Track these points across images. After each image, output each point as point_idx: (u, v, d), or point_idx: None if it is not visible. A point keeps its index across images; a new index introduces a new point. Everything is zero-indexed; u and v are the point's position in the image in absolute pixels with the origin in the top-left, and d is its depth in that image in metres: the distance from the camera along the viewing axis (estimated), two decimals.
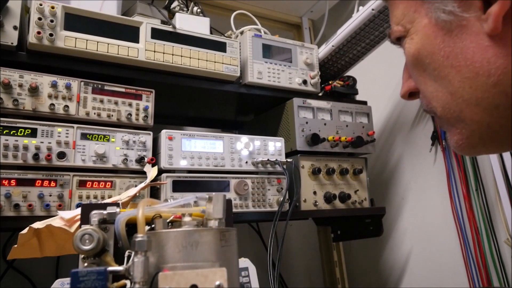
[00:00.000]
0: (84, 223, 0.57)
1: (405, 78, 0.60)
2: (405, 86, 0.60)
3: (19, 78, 0.94)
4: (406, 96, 0.61)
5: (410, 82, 0.59)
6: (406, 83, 0.60)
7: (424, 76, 0.54)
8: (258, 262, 1.20)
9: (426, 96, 0.55)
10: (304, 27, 2.05)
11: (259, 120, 1.55)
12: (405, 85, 0.60)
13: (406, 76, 0.60)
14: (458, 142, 0.53)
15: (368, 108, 1.43)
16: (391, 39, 0.59)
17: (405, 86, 0.60)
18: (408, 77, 0.59)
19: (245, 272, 1.12)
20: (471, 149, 0.54)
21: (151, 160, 1.04)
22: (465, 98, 0.49)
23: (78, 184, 0.97)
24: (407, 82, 0.59)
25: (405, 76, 0.60)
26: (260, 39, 1.29)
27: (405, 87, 0.60)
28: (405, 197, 1.61)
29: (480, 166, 1.32)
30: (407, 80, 0.60)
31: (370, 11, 1.18)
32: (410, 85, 0.59)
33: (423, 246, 1.52)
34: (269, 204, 1.18)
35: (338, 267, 1.86)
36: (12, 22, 0.94)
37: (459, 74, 0.49)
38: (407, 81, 0.60)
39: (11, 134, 0.91)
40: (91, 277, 0.50)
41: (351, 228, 1.56)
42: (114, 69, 1.07)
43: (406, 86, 0.60)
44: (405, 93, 0.60)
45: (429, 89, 0.54)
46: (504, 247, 1.23)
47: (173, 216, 0.57)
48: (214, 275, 0.47)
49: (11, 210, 0.89)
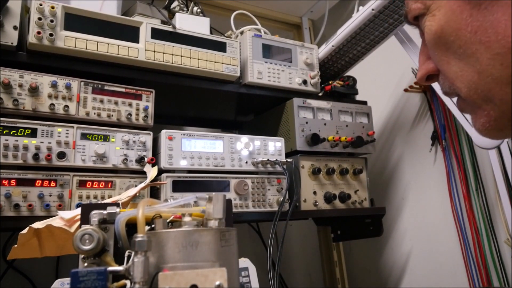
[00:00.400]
0: (84, 223, 0.57)
1: (423, 60, 0.56)
2: (422, 69, 0.56)
3: (19, 78, 0.94)
4: (423, 79, 0.56)
5: (428, 63, 0.55)
6: (424, 65, 0.56)
7: (448, 55, 0.50)
8: (258, 262, 1.20)
9: (449, 77, 0.51)
10: (304, 27, 2.05)
11: (259, 120, 1.55)
12: (422, 68, 0.56)
13: (423, 58, 0.56)
14: (485, 124, 0.49)
15: (368, 108, 1.43)
16: (407, 19, 0.55)
17: (422, 68, 0.56)
18: (426, 59, 0.55)
19: (245, 272, 1.12)
20: (499, 132, 0.50)
21: (151, 160, 1.04)
22: (495, 76, 0.45)
23: (78, 184, 0.97)
24: (425, 64, 0.55)
25: (422, 58, 0.56)
26: (260, 39, 1.29)
27: (423, 69, 0.56)
28: (405, 197, 1.61)
29: (480, 166, 1.32)
30: (424, 62, 0.56)
31: (370, 11, 1.18)
32: (429, 67, 0.55)
33: (423, 246, 1.52)
34: (269, 204, 1.18)
35: (338, 267, 1.86)
36: (12, 22, 0.94)
37: (489, 51, 0.45)
38: (424, 63, 0.55)
39: (11, 134, 0.91)
40: (91, 277, 0.50)
41: (351, 228, 1.56)
42: (114, 69, 1.07)
43: (424, 69, 0.55)
44: (422, 76, 0.56)
45: (452, 69, 0.50)
46: (504, 247, 1.23)
47: (173, 216, 0.57)
48: (214, 275, 0.47)
49: (11, 210, 0.89)
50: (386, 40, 1.30)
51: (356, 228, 1.52)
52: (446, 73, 0.51)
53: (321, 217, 1.67)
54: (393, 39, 1.26)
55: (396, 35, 1.24)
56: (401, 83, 1.62)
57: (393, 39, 1.27)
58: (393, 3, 1.15)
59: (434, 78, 0.55)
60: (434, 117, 1.46)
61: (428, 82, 0.57)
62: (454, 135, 1.39)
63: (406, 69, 1.56)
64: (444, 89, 0.53)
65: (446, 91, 0.53)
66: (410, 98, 1.59)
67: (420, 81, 0.57)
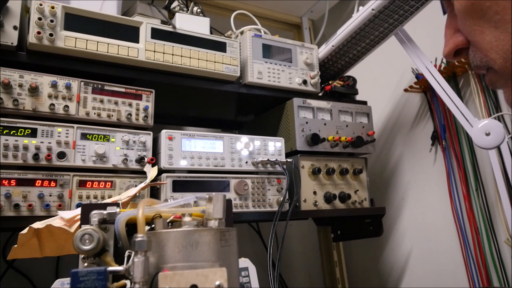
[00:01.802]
0: (84, 223, 0.57)
1: (450, 34, 0.52)
2: (450, 43, 0.52)
3: (19, 78, 0.94)
4: (451, 54, 0.52)
5: (457, 36, 0.51)
6: (451, 39, 0.52)
7: (481, 23, 0.46)
8: (258, 262, 1.20)
9: (483, 48, 0.47)
10: (304, 27, 2.05)
11: (259, 120, 1.55)
12: (450, 42, 0.52)
13: (450, 31, 0.52)
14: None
15: (368, 108, 1.43)
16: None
17: (450, 42, 0.52)
18: (454, 32, 0.51)
19: (245, 272, 1.12)
20: None
21: (151, 160, 1.04)
22: None
23: (78, 184, 0.97)
24: (454, 37, 0.51)
25: (449, 32, 0.52)
26: (260, 39, 1.29)
27: (451, 43, 0.51)
28: (405, 197, 1.61)
29: (480, 166, 1.32)
30: (452, 35, 0.52)
31: (370, 11, 1.18)
32: (457, 40, 0.51)
33: (423, 246, 1.52)
34: (269, 204, 1.18)
35: (338, 267, 1.86)
36: (12, 22, 0.94)
37: None
38: (452, 37, 0.52)
39: (11, 134, 0.91)
40: (91, 277, 0.50)
41: (351, 228, 1.56)
42: (114, 69, 1.07)
43: (452, 43, 0.51)
44: (450, 50, 0.52)
45: (486, 38, 0.46)
46: (504, 247, 1.23)
47: (173, 216, 0.57)
48: (214, 275, 0.47)
49: (11, 210, 0.89)
50: (386, 40, 1.30)
51: (356, 228, 1.52)
52: (479, 44, 0.48)
53: (321, 217, 1.67)
54: (393, 39, 1.26)
55: (396, 35, 1.24)
56: (401, 83, 1.62)
57: (393, 39, 1.27)
58: (393, 3, 1.15)
59: (463, 52, 0.52)
60: (434, 117, 1.46)
61: (456, 58, 0.54)
62: (454, 135, 1.39)
63: (406, 69, 1.56)
64: (475, 62, 0.50)
65: (477, 65, 0.50)
66: (410, 98, 1.59)
67: (447, 56, 0.53)
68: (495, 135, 0.96)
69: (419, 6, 1.16)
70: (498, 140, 0.96)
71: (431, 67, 1.15)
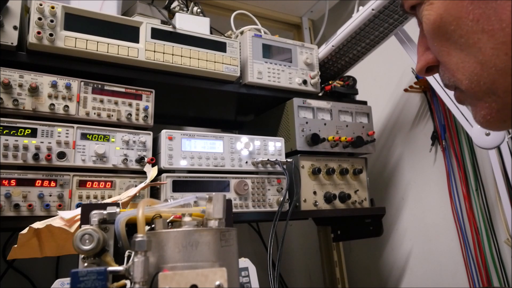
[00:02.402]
0: (84, 223, 0.57)
1: (421, 52, 0.54)
2: (421, 60, 0.53)
3: (19, 78, 0.94)
4: (423, 71, 0.54)
5: (427, 54, 0.52)
6: (422, 56, 0.53)
7: (448, 45, 0.47)
8: (258, 262, 1.20)
9: (450, 69, 0.49)
10: (304, 27, 2.05)
11: (259, 120, 1.55)
12: (421, 59, 0.53)
13: (422, 49, 0.54)
14: (486, 117, 0.47)
15: (368, 108, 1.43)
16: (404, 9, 0.53)
17: (421, 60, 0.53)
18: (425, 50, 0.53)
19: (245, 272, 1.12)
20: (501, 123, 0.48)
21: (151, 160, 1.04)
22: (498, 67, 0.43)
23: (78, 184, 0.97)
24: (424, 55, 0.53)
25: (421, 49, 0.54)
26: (260, 39, 1.29)
27: (422, 61, 0.53)
28: (405, 197, 1.61)
29: (480, 166, 1.32)
30: (423, 53, 0.53)
31: (370, 11, 1.18)
32: (428, 58, 0.52)
33: (423, 246, 1.52)
34: (269, 204, 1.18)
35: (338, 267, 1.86)
36: (12, 22, 0.94)
37: (492, 40, 0.42)
38: (423, 54, 0.53)
39: (11, 134, 0.91)
40: (91, 277, 0.50)
41: (351, 228, 1.56)
42: (114, 69, 1.07)
43: (423, 60, 0.53)
44: (422, 67, 0.53)
45: (453, 60, 0.47)
46: (504, 247, 1.23)
47: (173, 216, 0.57)
48: (214, 275, 0.47)
49: (11, 210, 0.89)
50: (386, 40, 1.30)
51: (356, 228, 1.52)
52: (446, 65, 0.49)
53: (321, 217, 1.67)
54: (393, 39, 1.26)
55: (396, 35, 1.24)
56: (401, 83, 1.62)
57: (393, 39, 1.27)
58: (393, 3, 1.15)
59: (434, 69, 0.53)
60: (434, 117, 1.46)
61: (428, 74, 0.55)
62: (454, 135, 1.39)
63: (406, 69, 1.56)
64: (444, 81, 0.51)
65: (446, 83, 0.51)
66: (410, 98, 1.59)
67: (419, 73, 0.55)
68: (495, 135, 0.96)
69: None
70: (498, 140, 0.96)
71: None
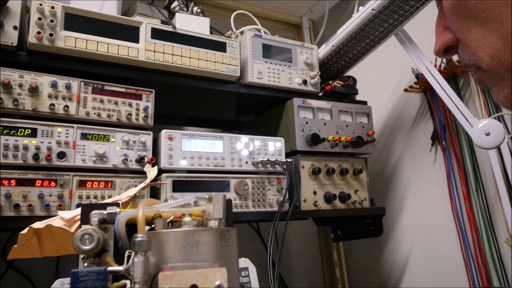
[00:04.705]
0: (84, 223, 0.57)
1: (439, 32, 0.52)
2: (440, 41, 0.52)
3: (19, 78, 0.94)
4: (441, 52, 0.52)
5: (446, 34, 0.51)
6: (440, 37, 0.52)
7: (468, 21, 0.46)
8: (258, 262, 1.20)
9: (470, 46, 0.47)
10: (304, 27, 2.05)
11: (259, 120, 1.55)
12: (439, 39, 0.52)
13: (440, 29, 0.52)
14: (508, 96, 0.46)
15: (368, 108, 1.43)
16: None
17: (440, 40, 0.52)
18: (443, 30, 0.52)
19: (245, 272, 1.12)
20: None
21: (151, 160, 1.04)
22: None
23: (78, 184, 0.97)
24: (442, 35, 0.51)
25: (439, 29, 0.52)
26: (260, 39, 1.29)
27: (440, 41, 0.52)
28: (405, 197, 1.61)
29: (480, 166, 1.32)
30: (441, 33, 0.52)
31: (370, 11, 1.18)
32: (447, 38, 0.51)
33: (423, 246, 1.52)
34: (269, 204, 1.18)
35: (338, 267, 1.86)
36: (12, 22, 0.94)
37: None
38: (441, 35, 0.52)
39: (11, 134, 0.91)
40: (91, 277, 0.50)
41: (351, 228, 1.56)
42: (114, 69, 1.07)
43: (441, 40, 0.51)
44: (440, 48, 0.52)
45: (473, 36, 0.46)
46: (504, 247, 1.23)
47: (173, 216, 0.57)
48: (214, 275, 0.47)
49: (11, 210, 0.89)
50: (386, 40, 1.30)
51: (356, 228, 1.52)
52: (466, 42, 0.48)
53: (321, 217, 1.67)
54: (393, 39, 1.26)
55: (396, 35, 1.24)
56: (401, 83, 1.62)
57: (393, 39, 1.27)
58: (393, 3, 1.15)
59: (452, 50, 0.52)
60: (434, 117, 1.46)
61: (446, 55, 0.54)
62: (454, 135, 1.39)
63: (406, 69, 1.56)
64: (464, 61, 0.50)
65: (466, 63, 0.50)
66: (410, 98, 1.59)
67: (437, 54, 0.53)
68: (495, 135, 0.96)
69: (419, 6, 1.16)
70: (498, 140, 0.96)
71: (431, 67, 1.15)
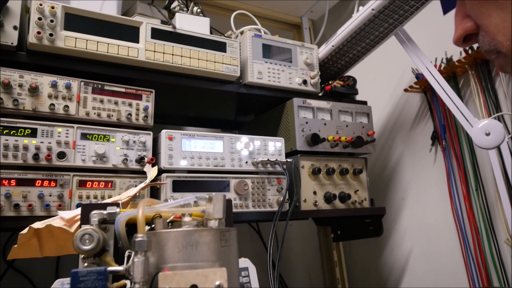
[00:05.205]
0: (84, 223, 0.57)
1: (458, 21, 0.52)
2: (459, 29, 0.52)
3: (19, 78, 0.94)
4: (461, 40, 0.52)
5: (465, 22, 0.51)
6: (460, 25, 0.52)
7: (488, 6, 0.47)
8: (258, 262, 1.20)
9: (490, 31, 0.47)
10: (304, 27, 2.05)
11: (259, 120, 1.55)
12: (459, 28, 0.52)
13: (459, 18, 0.52)
14: None
15: (368, 108, 1.43)
16: None
17: (459, 29, 0.52)
18: (462, 18, 0.51)
19: (245, 272, 1.12)
20: None
21: (151, 160, 1.04)
22: None
23: (78, 184, 0.97)
24: (462, 23, 0.51)
25: (458, 18, 0.52)
26: (260, 39, 1.29)
27: (460, 29, 0.51)
28: (405, 197, 1.61)
29: (480, 166, 1.31)
30: (461, 21, 0.52)
31: (370, 11, 1.18)
32: (466, 26, 0.51)
33: (423, 246, 1.52)
34: (269, 204, 1.18)
35: (338, 267, 1.86)
36: (12, 22, 0.94)
37: None
38: (461, 23, 0.52)
39: (11, 134, 0.91)
40: (91, 277, 0.50)
41: (351, 228, 1.56)
42: (114, 69, 1.07)
43: (461, 29, 0.51)
44: (460, 36, 0.52)
45: (493, 21, 0.46)
46: (504, 247, 1.23)
47: (173, 216, 0.57)
48: (214, 275, 0.47)
49: (11, 210, 0.89)
50: (386, 40, 1.30)
51: (356, 228, 1.52)
52: (486, 27, 0.48)
53: (321, 217, 1.67)
54: (393, 39, 1.26)
55: (396, 35, 1.24)
56: (401, 83, 1.62)
57: (393, 39, 1.27)
58: (393, 3, 1.15)
59: (472, 39, 0.52)
60: (434, 117, 1.46)
61: (466, 44, 0.53)
62: (454, 135, 1.39)
63: (406, 69, 1.56)
64: (485, 47, 0.50)
65: (487, 49, 0.50)
66: (410, 98, 1.59)
67: (457, 42, 0.53)
68: (495, 135, 0.96)
69: (419, 6, 1.16)
70: (498, 140, 0.96)
71: (431, 67, 1.15)
